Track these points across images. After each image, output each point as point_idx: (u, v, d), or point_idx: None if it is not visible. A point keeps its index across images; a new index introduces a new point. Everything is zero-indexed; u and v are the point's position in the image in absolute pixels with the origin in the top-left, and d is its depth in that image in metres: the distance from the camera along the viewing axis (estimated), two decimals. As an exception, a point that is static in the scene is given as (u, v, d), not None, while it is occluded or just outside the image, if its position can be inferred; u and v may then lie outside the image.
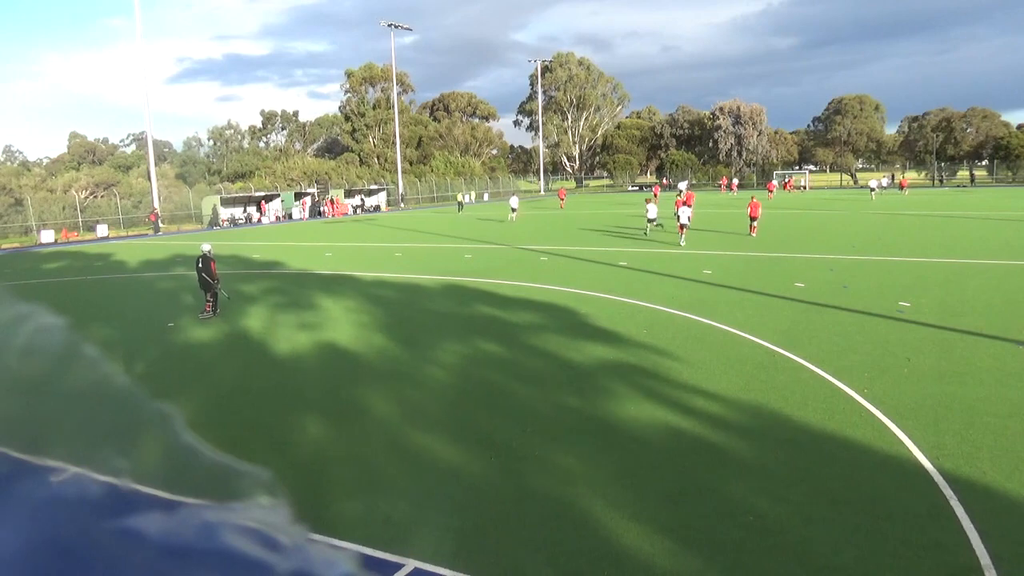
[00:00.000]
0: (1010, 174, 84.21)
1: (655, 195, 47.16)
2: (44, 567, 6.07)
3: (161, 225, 49.62)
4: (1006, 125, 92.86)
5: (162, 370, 12.00)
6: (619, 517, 6.43)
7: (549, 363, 11.50)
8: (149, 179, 55.91)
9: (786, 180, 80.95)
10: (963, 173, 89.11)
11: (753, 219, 29.85)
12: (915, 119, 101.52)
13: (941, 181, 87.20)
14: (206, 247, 16.49)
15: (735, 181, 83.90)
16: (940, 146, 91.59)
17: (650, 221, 31.92)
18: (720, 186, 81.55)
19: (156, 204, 51.87)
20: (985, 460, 7.31)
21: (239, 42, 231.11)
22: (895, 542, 5.89)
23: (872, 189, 59.44)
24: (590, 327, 13.93)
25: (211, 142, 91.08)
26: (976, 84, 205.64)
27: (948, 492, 6.63)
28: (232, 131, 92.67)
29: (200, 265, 16.29)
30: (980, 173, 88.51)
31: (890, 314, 14.14)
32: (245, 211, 55.92)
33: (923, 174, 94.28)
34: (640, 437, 8.27)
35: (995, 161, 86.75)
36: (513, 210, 43.94)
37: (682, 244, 27.61)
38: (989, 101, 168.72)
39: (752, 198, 33.14)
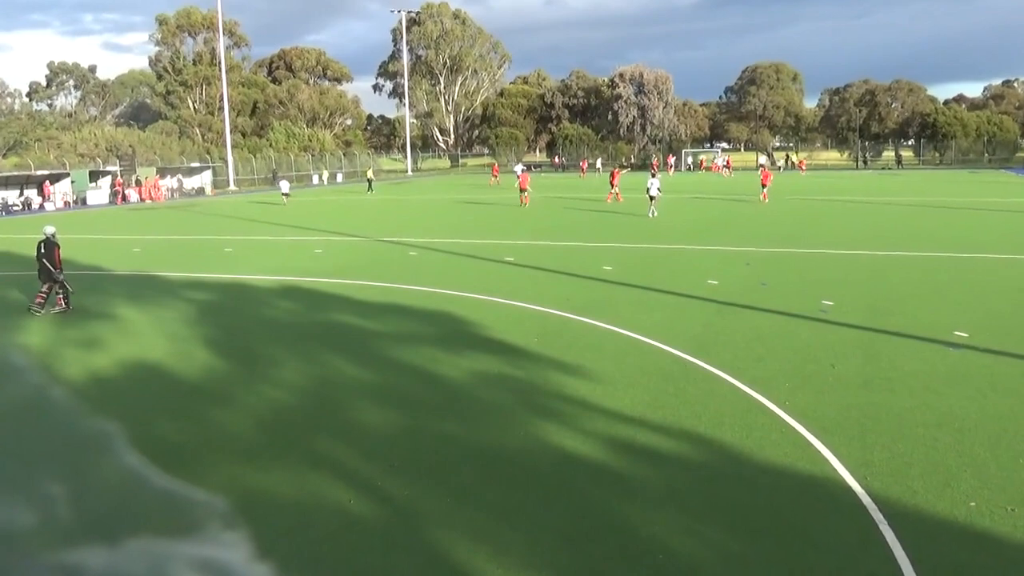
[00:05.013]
0: (937, 155, 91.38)
1: (655, 168, 54.67)
2: None
3: (-97, 212, 45.75)
4: (932, 100, 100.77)
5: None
6: (507, 562, 6.46)
7: (419, 382, 11.43)
8: None
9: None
10: (888, 154, 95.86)
11: (764, 186, 41.43)
12: (836, 92, 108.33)
13: (865, 162, 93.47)
14: (49, 230, 16.68)
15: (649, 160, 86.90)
16: (864, 122, 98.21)
17: (651, 198, 34.76)
18: (669, 167, 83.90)
19: None
20: (915, 477, 7.86)
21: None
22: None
23: (761, 166, 70.55)
24: (469, 336, 13.96)
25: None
26: (898, 54, 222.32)
27: (878, 516, 7.08)
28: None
29: (43, 250, 16.38)
30: (906, 153, 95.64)
31: (812, 314, 14.99)
32: (22, 194, 52.43)
33: (845, 154, 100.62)
34: (530, 467, 8.35)
35: (922, 140, 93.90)
36: (286, 194, 51.02)
37: (652, 215, 33.65)
38: (914, 73, 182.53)
39: (762, 168, 50.71)
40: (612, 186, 43.34)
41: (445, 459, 8.64)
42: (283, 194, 50.98)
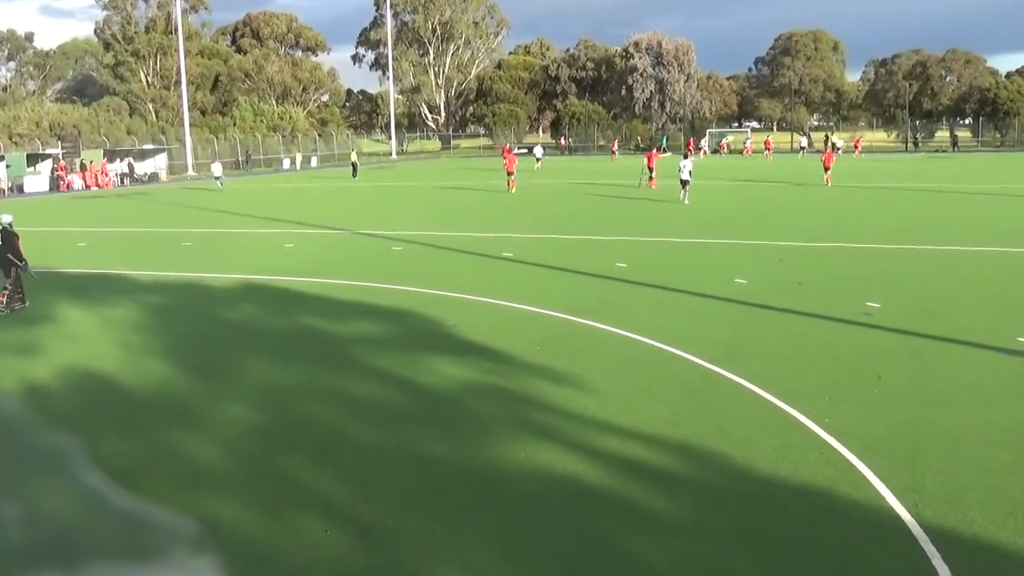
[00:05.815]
0: (998, 135, 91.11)
1: (690, 150, 56.64)
2: None
3: None
4: (992, 73, 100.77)
5: None
6: (505, 605, 6.47)
7: (404, 395, 11.43)
8: None
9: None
10: (942, 134, 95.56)
11: (827, 169, 44.84)
12: (883, 63, 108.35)
13: (916, 144, 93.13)
14: (6, 218, 16.97)
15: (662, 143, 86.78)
16: (914, 98, 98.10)
17: (683, 183, 36.54)
18: (700, 150, 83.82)
19: None
20: (972, 504, 7.86)
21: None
22: (865, 617, 6.23)
23: (802, 148, 76.39)
24: (460, 343, 13.96)
25: None
26: (953, 19, 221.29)
27: (929, 548, 7.08)
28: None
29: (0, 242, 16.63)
30: (962, 134, 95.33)
31: (855, 318, 14.99)
32: (-50, 181, 52.47)
33: (893, 134, 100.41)
34: (532, 492, 8.35)
35: (980, 119, 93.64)
36: (218, 178, 53.05)
37: (686, 202, 35.31)
38: (971, 42, 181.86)
39: (824, 150, 55.32)
40: (650, 170, 43.48)
41: (434, 483, 8.63)
42: (215, 178, 51.95)
